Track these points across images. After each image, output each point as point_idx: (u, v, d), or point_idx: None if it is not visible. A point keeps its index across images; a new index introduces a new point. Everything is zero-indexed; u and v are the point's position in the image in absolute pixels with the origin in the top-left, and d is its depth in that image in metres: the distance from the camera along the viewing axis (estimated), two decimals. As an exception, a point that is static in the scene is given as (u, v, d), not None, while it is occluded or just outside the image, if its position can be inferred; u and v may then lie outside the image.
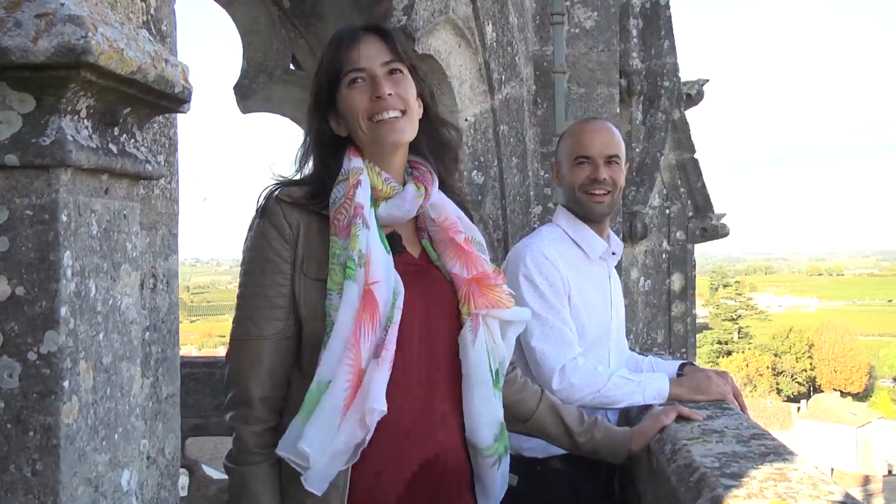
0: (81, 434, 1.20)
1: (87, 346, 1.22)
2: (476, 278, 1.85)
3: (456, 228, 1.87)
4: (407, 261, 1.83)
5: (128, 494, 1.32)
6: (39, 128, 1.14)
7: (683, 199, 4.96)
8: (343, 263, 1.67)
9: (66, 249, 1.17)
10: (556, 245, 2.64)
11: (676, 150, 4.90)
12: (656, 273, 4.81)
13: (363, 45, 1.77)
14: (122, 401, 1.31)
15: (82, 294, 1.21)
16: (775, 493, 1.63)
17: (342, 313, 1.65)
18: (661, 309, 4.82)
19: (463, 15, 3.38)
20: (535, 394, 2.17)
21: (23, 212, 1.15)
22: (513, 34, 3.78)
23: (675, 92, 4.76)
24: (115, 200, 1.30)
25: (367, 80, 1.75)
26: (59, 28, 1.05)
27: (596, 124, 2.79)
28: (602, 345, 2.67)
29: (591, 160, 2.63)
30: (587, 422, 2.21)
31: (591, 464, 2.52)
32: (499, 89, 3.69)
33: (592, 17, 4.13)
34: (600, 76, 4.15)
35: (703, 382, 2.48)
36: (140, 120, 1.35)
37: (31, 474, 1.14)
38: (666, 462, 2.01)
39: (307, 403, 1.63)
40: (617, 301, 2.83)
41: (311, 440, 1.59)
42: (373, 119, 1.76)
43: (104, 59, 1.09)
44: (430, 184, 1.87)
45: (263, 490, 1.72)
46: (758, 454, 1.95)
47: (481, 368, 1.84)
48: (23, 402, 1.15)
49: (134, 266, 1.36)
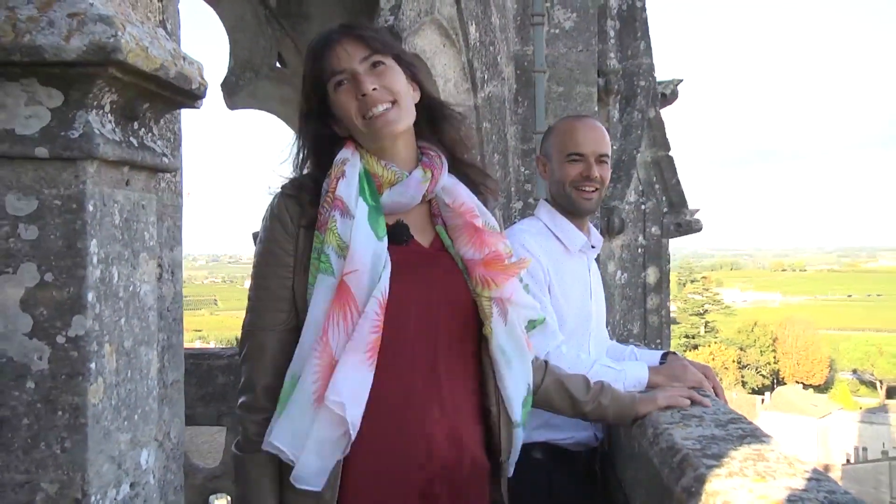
0: (106, 414, 1.23)
1: (111, 331, 1.24)
2: (487, 260, 1.81)
3: (473, 213, 1.84)
4: (414, 249, 1.81)
5: (146, 472, 1.35)
6: (67, 122, 1.16)
7: (658, 196, 5.00)
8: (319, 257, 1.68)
9: (92, 238, 1.19)
10: (536, 238, 2.64)
11: (652, 147, 4.94)
12: (632, 266, 4.85)
13: (339, 47, 1.75)
14: (141, 383, 1.34)
15: (106, 280, 1.23)
16: (755, 472, 1.65)
17: (313, 306, 1.66)
18: (637, 301, 4.86)
19: (448, 15, 3.39)
20: (539, 368, 2.13)
21: (51, 202, 1.17)
22: (495, 34, 3.80)
23: (651, 91, 4.80)
24: (134, 192, 1.33)
25: (350, 81, 1.74)
26: (90, 27, 1.08)
27: (589, 122, 2.79)
28: (582, 334, 2.68)
29: (585, 158, 2.64)
30: (593, 389, 2.18)
31: (566, 453, 2.57)
32: (481, 88, 3.70)
33: (571, 19, 4.16)
34: (579, 75, 4.18)
35: (679, 371, 2.47)
36: (157, 115, 1.38)
37: (60, 451, 1.16)
38: (648, 445, 2.02)
39: (281, 398, 1.63)
40: (597, 292, 2.83)
41: (281, 435, 1.60)
42: (365, 116, 1.74)
43: (132, 57, 1.12)
44: (438, 168, 1.83)
45: (261, 477, 1.72)
46: (736, 437, 1.96)
47: (512, 344, 1.84)
48: (52, 384, 1.17)
49: (151, 254, 1.39)
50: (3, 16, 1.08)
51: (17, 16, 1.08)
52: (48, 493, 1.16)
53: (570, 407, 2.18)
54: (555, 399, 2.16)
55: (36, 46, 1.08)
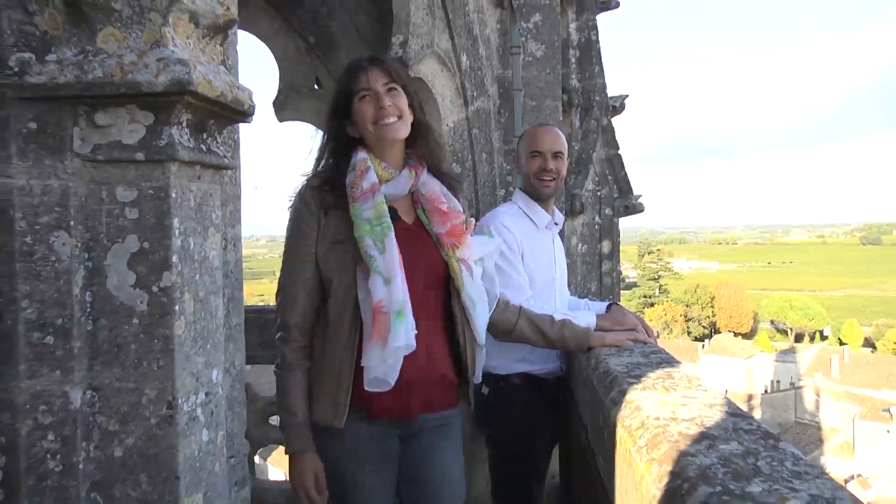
0: (187, 342, 1.27)
1: (189, 283, 1.28)
2: (449, 231, 1.88)
3: (439, 200, 1.90)
4: (402, 226, 1.86)
5: (216, 386, 1.39)
6: (156, 134, 1.20)
7: (611, 185, 4.97)
8: (368, 220, 1.72)
9: (175, 217, 1.23)
10: (512, 217, 2.69)
11: (605, 147, 4.90)
12: (590, 240, 4.83)
13: (369, 72, 1.82)
14: (211, 322, 1.38)
15: (185, 247, 1.28)
16: (662, 386, 1.73)
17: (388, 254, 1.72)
18: (594, 266, 4.84)
19: (444, 48, 3.38)
20: (515, 311, 2.24)
21: (147, 191, 1.21)
22: (482, 62, 3.79)
23: (604, 104, 4.76)
24: (204, 184, 1.36)
25: (372, 96, 1.81)
26: (172, 67, 1.13)
27: (546, 128, 2.82)
28: (548, 291, 2.72)
29: (542, 154, 2.68)
30: (556, 324, 2.26)
31: (538, 380, 2.63)
32: (471, 103, 3.68)
33: (541, 49, 4.11)
34: (547, 92, 4.12)
35: (619, 316, 2.52)
36: (219, 128, 1.41)
37: (156, 368, 1.22)
38: (591, 370, 2.09)
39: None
40: (560, 259, 2.87)
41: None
42: (377, 123, 1.81)
43: (201, 88, 1.17)
44: (420, 168, 1.89)
45: (296, 388, 1.81)
46: (654, 363, 2.03)
47: (477, 293, 1.91)
48: (150, 320, 1.22)
49: (217, 230, 1.42)
50: (115, 61, 1.13)
51: (123, 61, 1.13)
52: (150, 397, 1.22)
53: (541, 338, 2.27)
54: (528, 333, 2.25)
55: (136, 82, 1.13)
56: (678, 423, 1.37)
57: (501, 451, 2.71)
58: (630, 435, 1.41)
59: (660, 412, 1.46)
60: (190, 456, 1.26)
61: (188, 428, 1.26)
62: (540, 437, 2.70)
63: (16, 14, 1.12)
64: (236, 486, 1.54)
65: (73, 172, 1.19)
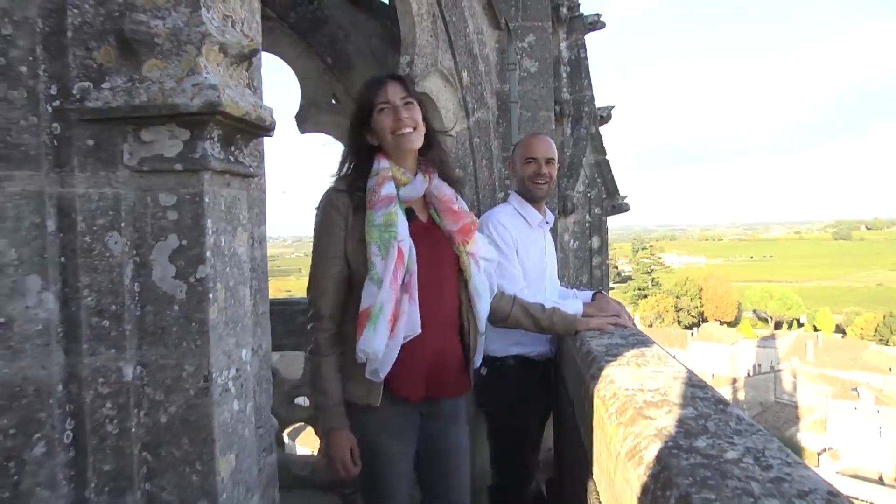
0: (220, 325, 1.31)
1: (221, 275, 1.32)
2: (460, 228, 1.92)
3: (451, 201, 1.95)
4: (418, 224, 1.91)
5: (245, 363, 1.42)
6: (192, 148, 1.24)
7: (599, 187, 4.97)
8: (378, 226, 1.76)
9: (208, 218, 1.28)
10: (508, 217, 2.74)
11: (594, 153, 4.91)
12: (581, 236, 4.82)
13: (389, 87, 1.86)
14: (240, 308, 1.40)
15: (217, 244, 1.31)
16: (635, 363, 1.77)
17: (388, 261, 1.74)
18: (585, 261, 4.84)
19: (447, 66, 3.38)
20: (509, 300, 2.26)
21: (184, 196, 1.26)
22: (481, 77, 3.78)
23: (593, 114, 4.77)
24: (233, 189, 1.39)
25: (391, 109, 1.84)
26: (205, 91, 1.17)
27: (540, 137, 2.86)
28: (540, 282, 2.75)
29: (537, 160, 2.72)
30: (547, 311, 2.29)
31: (532, 362, 2.68)
32: (472, 115, 3.68)
33: (535, 65, 4.13)
34: (541, 104, 4.14)
35: (603, 303, 2.53)
36: (246, 142, 1.43)
37: (194, 347, 1.27)
38: (575, 351, 2.14)
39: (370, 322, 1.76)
40: (550, 254, 2.91)
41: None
42: (395, 133, 1.85)
43: (229, 109, 1.19)
44: (433, 173, 1.94)
45: (329, 372, 1.86)
46: (630, 344, 2.06)
47: (482, 285, 1.96)
48: (188, 306, 1.26)
49: (244, 229, 1.42)
50: (157, 87, 1.17)
51: (164, 87, 1.17)
52: (188, 371, 1.26)
53: (533, 324, 2.28)
54: (521, 319, 2.27)
55: (175, 104, 1.17)
56: (644, 392, 1.43)
57: (498, 424, 2.76)
58: (604, 404, 1.46)
59: (630, 384, 1.50)
60: (223, 422, 1.31)
61: (221, 398, 1.30)
62: (532, 411, 2.75)
63: (79, 50, 1.18)
64: (265, 453, 1.60)
65: (123, 182, 1.24)
